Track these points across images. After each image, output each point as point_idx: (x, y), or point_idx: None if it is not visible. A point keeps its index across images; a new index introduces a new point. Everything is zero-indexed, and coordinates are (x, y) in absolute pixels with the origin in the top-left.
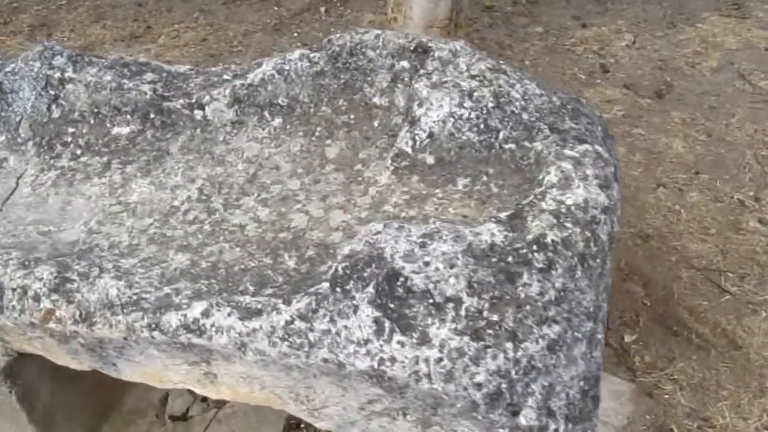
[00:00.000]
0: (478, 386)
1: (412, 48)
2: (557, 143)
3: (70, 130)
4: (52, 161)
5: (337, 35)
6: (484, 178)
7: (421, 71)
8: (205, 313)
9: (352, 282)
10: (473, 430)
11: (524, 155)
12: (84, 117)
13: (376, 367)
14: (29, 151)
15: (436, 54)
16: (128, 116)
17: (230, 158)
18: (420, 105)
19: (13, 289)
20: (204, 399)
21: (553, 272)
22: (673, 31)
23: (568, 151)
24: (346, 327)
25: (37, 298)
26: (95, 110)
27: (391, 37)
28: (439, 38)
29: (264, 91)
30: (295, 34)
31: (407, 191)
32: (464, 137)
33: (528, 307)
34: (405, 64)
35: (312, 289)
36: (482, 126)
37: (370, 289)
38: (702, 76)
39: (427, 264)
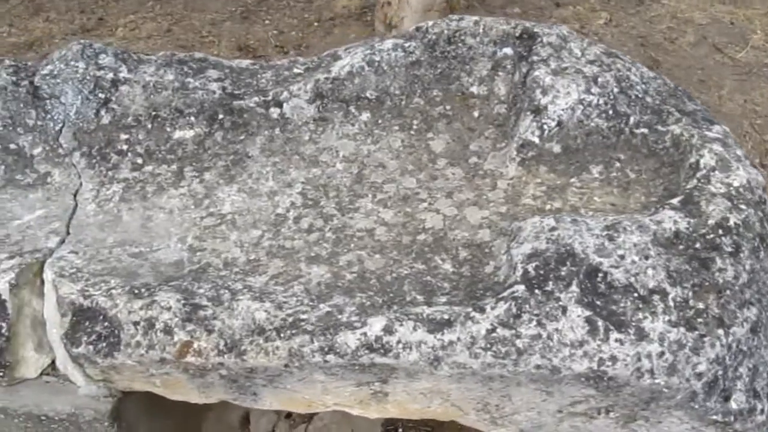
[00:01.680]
0: (699, 376)
1: (517, 34)
2: (692, 125)
3: (124, 136)
4: (110, 173)
5: (430, 23)
6: (617, 164)
7: (534, 57)
8: (387, 330)
9: (551, 282)
10: (683, 419)
11: (658, 139)
12: (140, 121)
13: (595, 368)
14: (78, 163)
15: (544, 39)
16: (192, 118)
17: (324, 158)
18: (544, 93)
19: (135, 323)
20: (288, 415)
21: (741, 255)
22: (644, 8)
23: (709, 133)
24: (557, 330)
25: (168, 331)
26: (153, 113)
27: (492, 24)
28: (540, 23)
29: (351, 84)
30: (267, 22)
31: (541, 182)
32: (593, 124)
33: (728, 292)
34: (508, 51)
35: (505, 293)
36: (611, 112)
37: (574, 287)
38: (684, 51)
39: (622, 257)
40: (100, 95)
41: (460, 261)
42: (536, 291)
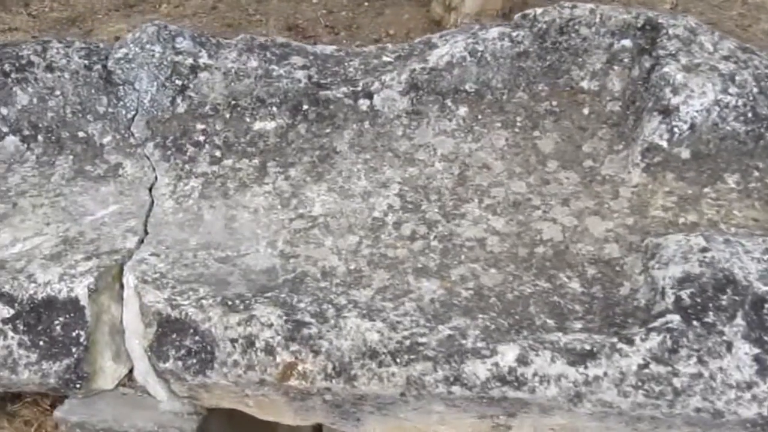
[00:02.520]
0: None
1: (639, 25)
2: None
3: (200, 126)
4: (187, 166)
5: (539, 10)
6: (756, 174)
7: (660, 51)
8: (522, 360)
9: (711, 313)
10: None
11: None
12: (217, 111)
13: (765, 414)
14: (152, 155)
15: (670, 31)
16: (274, 109)
17: (421, 156)
18: (675, 92)
19: (233, 340)
20: None
21: None
22: None
23: None
24: (721, 369)
25: (270, 351)
26: (232, 102)
27: (610, 13)
28: (665, 13)
29: (449, 76)
30: (314, 0)
31: (669, 191)
32: (728, 128)
33: None
34: (627, 42)
35: (656, 323)
36: (750, 115)
37: (739, 320)
38: (759, 40)
39: None
40: (177, 82)
41: (589, 279)
42: (694, 323)
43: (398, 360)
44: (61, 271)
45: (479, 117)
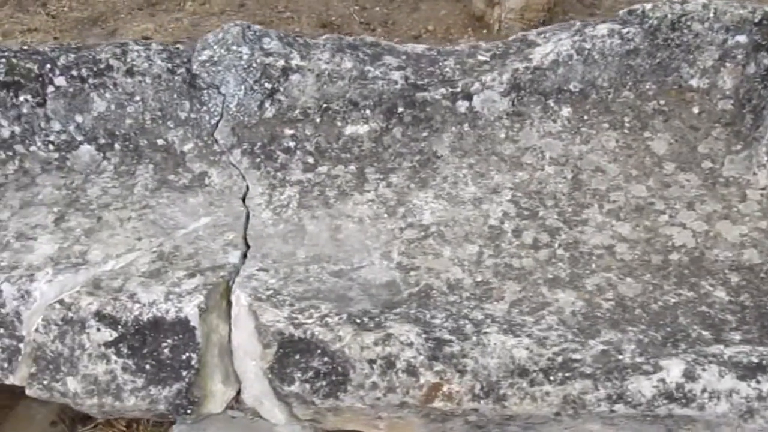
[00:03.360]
0: None
1: (756, 20)
2: None
3: (289, 132)
4: (280, 174)
5: (648, 6)
6: None
7: None
8: (689, 376)
9: None
10: None
11: None
12: (307, 115)
13: None
14: (240, 163)
15: None
16: (368, 112)
17: (528, 159)
18: None
19: (371, 361)
20: None
21: None
22: None
23: None
24: None
25: (413, 372)
26: (324, 106)
27: (725, 8)
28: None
29: (553, 75)
30: None
31: None
32: None
33: None
34: (742, 38)
35: None
36: None
37: None
38: None
39: None
40: (266, 85)
41: (734, 287)
42: None
43: (552, 378)
44: (165, 290)
45: (585, 118)
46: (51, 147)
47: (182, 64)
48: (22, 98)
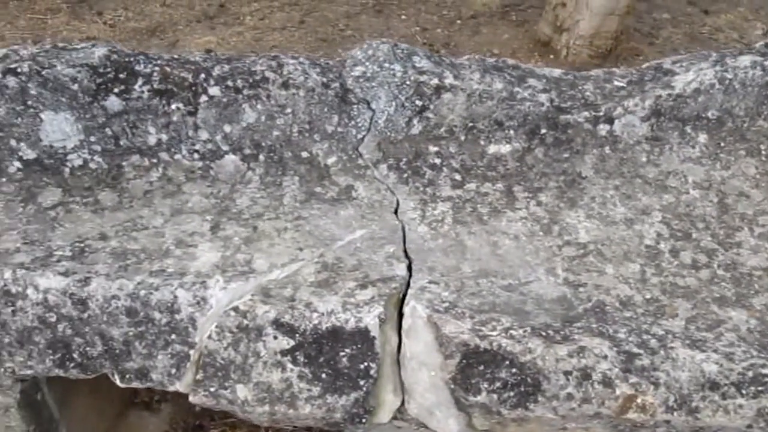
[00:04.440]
0: None
1: None
2: None
3: (433, 149)
4: (429, 190)
5: None
6: None
7: None
8: None
9: None
10: None
11: None
12: (453, 133)
13: None
14: (387, 177)
15: None
16: (511, 132)
17: (672, 183)
18: None
19: (567, 373)
20: None
21: None
22: None
23: None
24: None
25: (608, 383)
26: (470, 125)
27: None
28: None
29: (693, 103)
30: (404, 17)
31: None
32: None
33: None
34: None
35: None
36: None
37: None
38: None
39: None
40: (417, 102)
41: None
42: None
43: (744, 392)
44: (340, 300)
45: (721, 144)
46: (196, 156)
47: (336, 78)
48: (173, 106)
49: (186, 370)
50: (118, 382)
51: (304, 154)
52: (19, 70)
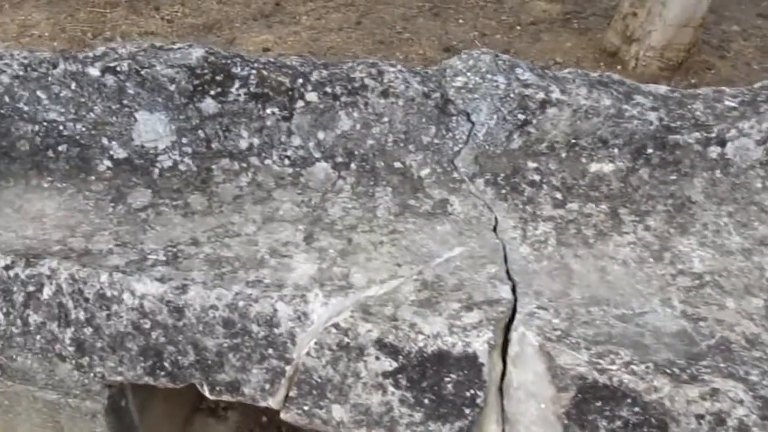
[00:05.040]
0: None
1: None
2: None
3: (532, 164)
4: (529, 208)
5: None
6: None
7: None
8: None
9: None
10: None
11: None
12: (553, 149)
13: None
14: (484, 193)
15: None
16: (615, 150)
17: None
18: None
19: (699, 416)
20: None
21: None
22: None
23: None
24: None
25: (745, 430)
26: (572, 141)
27: None
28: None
29: None
30: (461, 21)
31: None
32: None
33: None
34: None
35: None
36: None
37: None
38: None
39: None
40: (519, 116)
41: None
42: None
43: None
44: (445, 322)
45: None
46: (286, 162)
47: (436, 88)
48: (269, 111)
49: (280, 386)
50: (207, 393)
51: (397, 165)
52: (118, 68)
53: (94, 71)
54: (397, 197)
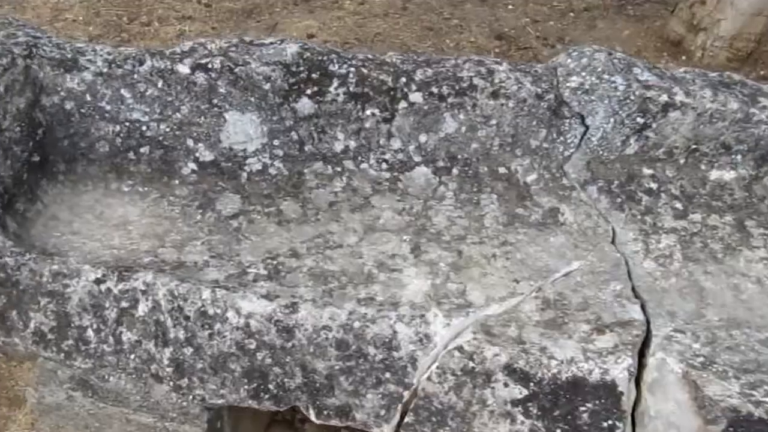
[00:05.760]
0: None
1: None
2: None
3: (647, 171)
4: (648, 219)
5: None
6: None
7: None
8: None
9: None
10: None
11: None
12: (671, 155)
13: None
14: (597, 201)
15: None
16: (738, 157)
17: None
18: None
19: None
20: None
21: None
22: None
23: None
24: None
25: None
26: (692, 147)
27: None
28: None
29: None
30: (510, 7)
31: None
32: None
33: None
34: None
35: None
36: None
37: None
38: None
39: None
40: (638, 120)
41: None
42: None
43: None
44: (577, 346)
45: None
46: (384, 166)
47: (550, 89)
48: (368, 112)
49: (395, 412)
50: (313, 417)
51: (502, 170)
52: (209, 66)
53: (183, 68)
54: (503, 205)
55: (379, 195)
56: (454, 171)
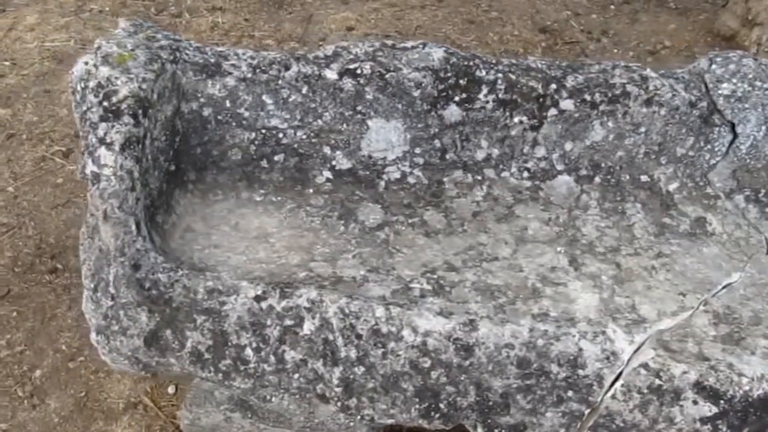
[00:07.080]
0: None
1: None
2: None
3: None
4: None
5: None
6: None
7: None
8: None
9: None
10: None
11: None
12: None
13: None
14: (747, 211)
15: None
16: None
17: None
18: None
19: None
20: None
21: None
22: None
23: None
24: None
25: None
26: None
27: None
28: None
29: None
30: None
31: None
32: None
33: None
34: None
35: None
36: None
37: None
38: None
39: None
40: None
41: None
42: None
43: None
44: (764, 362)
45: None
46: (525, 174)
47: (703, 97)
48: (516, 119)
49: (574, 431)
50: None
51: (644, 178)
52: (359, 71)
53: (331, 74)
54: (649, 215)
55: (522, 204)
56: (597, 179)
